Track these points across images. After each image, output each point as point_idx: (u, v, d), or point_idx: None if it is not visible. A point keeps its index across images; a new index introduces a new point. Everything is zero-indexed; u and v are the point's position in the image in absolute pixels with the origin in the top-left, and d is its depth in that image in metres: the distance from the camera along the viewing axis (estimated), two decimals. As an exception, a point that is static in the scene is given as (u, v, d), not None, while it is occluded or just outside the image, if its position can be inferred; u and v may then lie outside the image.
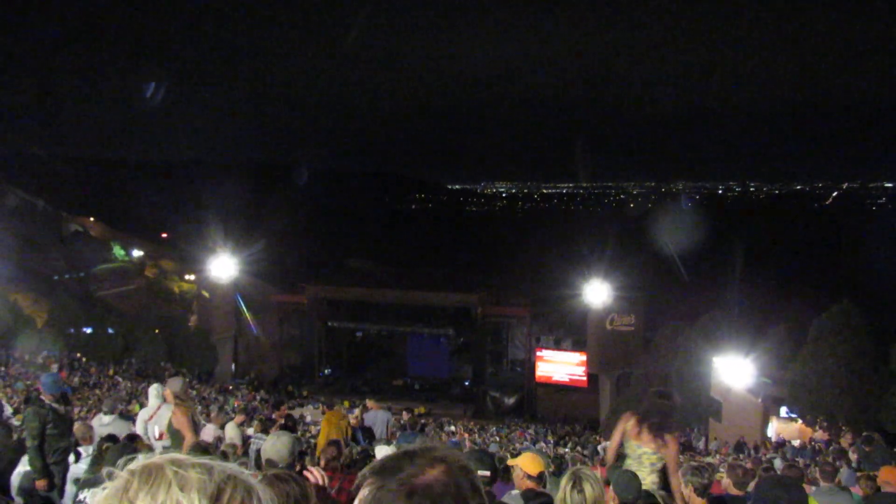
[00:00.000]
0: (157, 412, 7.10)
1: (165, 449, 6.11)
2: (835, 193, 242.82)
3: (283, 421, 9.77)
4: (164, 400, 6.91)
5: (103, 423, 7.77)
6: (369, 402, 11.29)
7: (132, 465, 1.13)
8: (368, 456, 8.54)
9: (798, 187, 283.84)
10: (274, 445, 4.38)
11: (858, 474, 7.99)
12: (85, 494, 4.56)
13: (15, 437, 8.25)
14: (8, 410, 12.26)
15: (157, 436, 6.89)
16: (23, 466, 6.06)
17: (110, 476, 1.12)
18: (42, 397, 6.33)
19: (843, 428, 18.37)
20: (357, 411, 11.23)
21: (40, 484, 5.68)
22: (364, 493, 1.17)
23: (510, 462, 4.76)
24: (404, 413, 14.22)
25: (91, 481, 4.74)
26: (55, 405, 6.26)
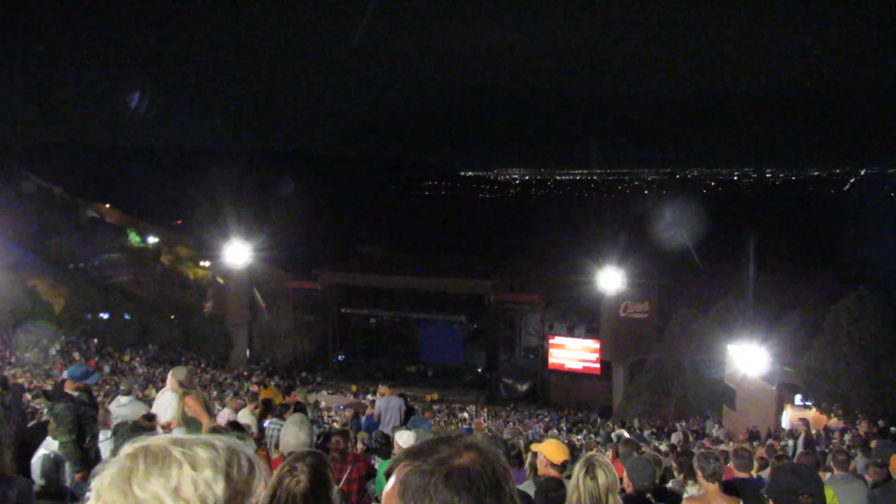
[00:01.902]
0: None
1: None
2: (853, 179, 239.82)
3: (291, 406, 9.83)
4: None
5: (121, 404, 7.86)
6: (382, 388, 11.34)
7: (129, 449, 1.13)
8: (388, 443, 8.60)
9: (815, 173, 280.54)
10: (297, 437, 4.41)
11: (867, 461, 7.95)
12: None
13: (35, 421, 8.38)
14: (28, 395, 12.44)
15: (163, 424, 6.96)
16: (43, 450, 6.15)
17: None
18: (66, 389, 6.42)
19: (860, 416, 18.29)
20: (372, 396, 11.26)
21: (79, 476, 5.77)
22: (399, 475, 1.18)
23: (534, 447, 4.77)
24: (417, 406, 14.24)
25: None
26: (81, 395, 6.36)
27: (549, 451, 4.41)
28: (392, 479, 1.20)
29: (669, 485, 5.42)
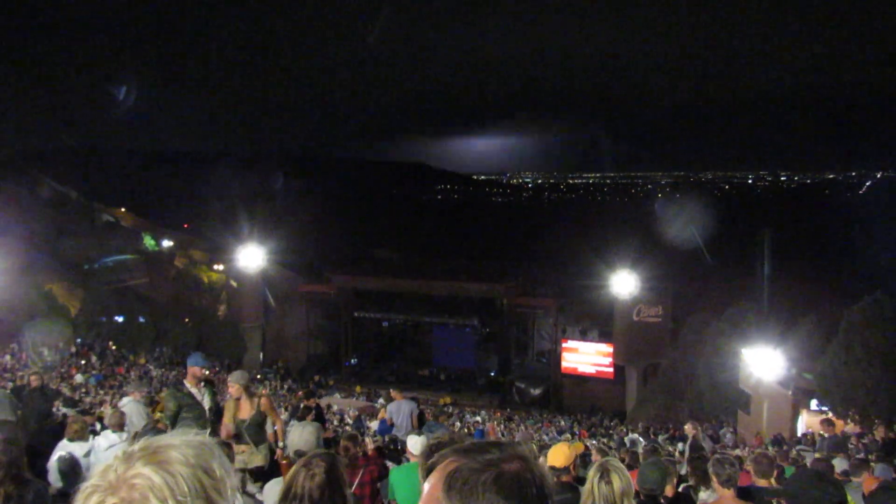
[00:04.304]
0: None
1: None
2: (869, 182, 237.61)
3: (313, 408, 9.89)
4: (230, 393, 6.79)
5: (122, 405, 8.04)
6: (393, 393, 11.38)
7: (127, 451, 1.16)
8: (397, 447, 8.62)
9: (831, 176, 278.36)
10: (301, 436, 4.47)
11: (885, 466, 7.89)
12: None
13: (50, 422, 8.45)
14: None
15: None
16: (60, 452, 6.20)
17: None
18: (184, 381, 6.56)
19: (876, 421, 18.09)
20: (383, 400, 11.30)
21: None
22: (444, 470, 1.18)
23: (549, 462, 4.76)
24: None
25: None
26: (194, 390, 6.45)
27: (551, 454, 4.41)
28: (435, 475, 1.20)
29: (680, 489, 5.38)
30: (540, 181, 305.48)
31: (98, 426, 8.30)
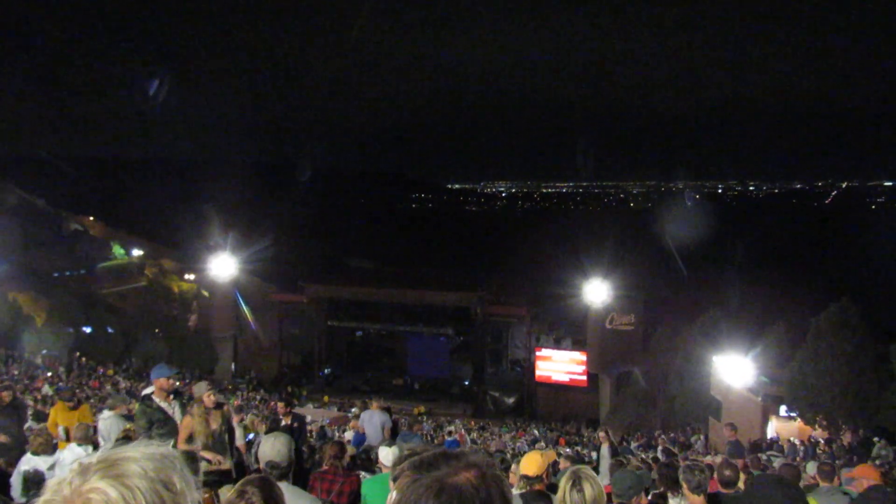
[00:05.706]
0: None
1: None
2: (834, 192, 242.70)
3: (289, 421, 9.77)
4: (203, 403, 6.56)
5: (103, 418, 7.88)
6: (372, 403, 11.31)
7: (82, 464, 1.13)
8: (369, 457, 8.57)
9: (798, 186, 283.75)
10: (274, 447, 4.38)
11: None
12: None
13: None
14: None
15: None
16: (26, 465, 6.07)
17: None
18: (153, 395, 6.37)
19: (843, 426, 18.39)
20: (356, 410, 11.19)
21: None
22: (400, 484, 1.22)
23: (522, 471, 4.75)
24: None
25: None
26: (164, 404, 6.29)
27: (523, 463, 4.41)
28: (394, 490, 1.25)
29: (650, 497, 5.41)
30: (513, 190, 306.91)
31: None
